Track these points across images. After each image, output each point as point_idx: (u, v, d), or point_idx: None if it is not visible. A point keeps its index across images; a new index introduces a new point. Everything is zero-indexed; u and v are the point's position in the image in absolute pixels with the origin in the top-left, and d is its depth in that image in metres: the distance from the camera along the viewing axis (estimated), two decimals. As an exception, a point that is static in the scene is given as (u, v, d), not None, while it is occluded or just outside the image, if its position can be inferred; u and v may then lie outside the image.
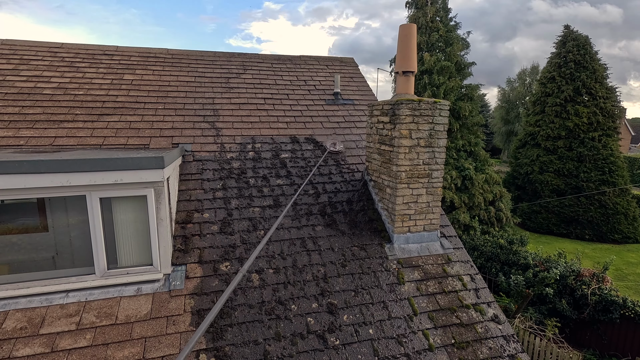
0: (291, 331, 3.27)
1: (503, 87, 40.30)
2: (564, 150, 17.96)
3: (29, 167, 2.90)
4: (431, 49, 14.98)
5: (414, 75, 4.38)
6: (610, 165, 17.19)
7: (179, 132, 4.93)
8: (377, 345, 3.31)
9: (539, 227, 18.11)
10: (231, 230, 3.96)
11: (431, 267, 4.07)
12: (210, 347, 3.04)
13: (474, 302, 3.85)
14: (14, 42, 5.78)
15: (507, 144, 37.10)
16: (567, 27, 18.93)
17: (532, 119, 19.54)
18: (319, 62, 7.24)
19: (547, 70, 19.43)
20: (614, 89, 18.09)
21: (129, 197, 3.29)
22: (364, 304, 3.60)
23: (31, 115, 4.63)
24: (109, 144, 4.49)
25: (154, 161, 3.19)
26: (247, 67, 6.60)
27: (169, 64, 6.20)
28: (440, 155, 4.11)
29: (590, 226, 17.10)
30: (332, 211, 4.40)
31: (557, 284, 8.74)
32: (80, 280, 3.24)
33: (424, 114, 3.96)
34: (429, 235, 4.26)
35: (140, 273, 3.37)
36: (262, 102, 5.86)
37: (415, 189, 4.08)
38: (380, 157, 4.37)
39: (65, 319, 3.04)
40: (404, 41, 4.30)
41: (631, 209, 17.02)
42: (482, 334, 3.59)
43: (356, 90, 6.68)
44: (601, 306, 8.09)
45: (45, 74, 5.33)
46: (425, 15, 14.99)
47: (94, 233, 3.21)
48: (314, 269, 3.79)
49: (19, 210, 3.17)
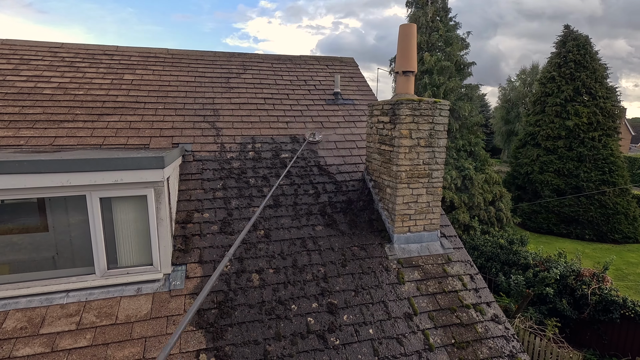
0: (291, 331, 3.27)
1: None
2: (564, 150, 17.95)
3: (29, 167, 2.91)
4: (431, 49, 14.99)
5: (414, 75, 4.38)
6: (610, 165, 17.19)
7: (179, 132, 4.93)
8: (377, 345, 3.31)
9: (539, 227, 18.11)
10: (231, 230, 3.96)
11: (431, 267, 4.07)
12: (210, 346, 3.05)
13: (474, 302, 3.85)
14: (14, 42, 5.78)
15: (507, 143, 37.08)
16: (567, 27, 18.92)
17: (532, 119, 19.54)
18: (319, 62, 7.24)
19: (547, 70, 19.43)
20: (614, 89, 18.09)
21: (129, 197, 3.29)
22: (364, 303, 3.60)
23: (31, 115, 4.63)
24: (109, 144, 4.49)
25: (154, 161, 3.20)
26: (247, 67, 6.60)
27: (169, 64, 6.20)
28: (440, 155, 4.11)
29: (591, 226, 17.09)
30: (332, 211, 4.41)
31: (557, 283, 8.73)
32: (81, 280, 3.24)
33: (424, 113, 3.96)
34: (429, 235, 4.26)
35: (140, 273, 3.37)
36: (262, 102, 5.86)
37: (416, 189, 4.08)
38: (380, 157, 4.37)
39: (65, 319, 3.04)
40: (404, 41, 4.29)
41: (631, 208, 17.02)
42: (482, 334, 3.59)
43: (356, 90, 6.68)
44: (601, 306, 8.08)
45: (46, 73, 5.33)
46: (426, 15, 15.00)
47: (94, 233, 3.21)
48: (314, 268, 3.79)
49: (19, 210, 3.17)
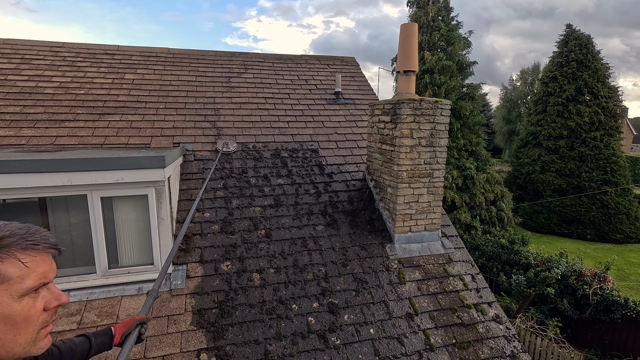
0: (292, 331, 3.27)
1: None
2: (565, 149, 17.90)
3: (30, 167, 2.91)
4: (432, 48, 14.96)
5: (415, 75, 4.37)
6: (612, 165, 17.14)
7: (180, 131, 4.93)
8: (378, 345, 3.31)
9: (541, 227, 18.07)
10: (232, 229, 3.96)
11: (432, 266, 4.06)
12: (211, 346, 3.05)
13: (475, 302, 3.84)
14: (15, 41, 5.78)
15: (509, 143, 37.00)
16: (569, 27, 18.87)
17: (533, 119, 19.48)
18: (320, 62, 7.23)
19: (548, 69, 19.37)
20: (615, 89, 18.04)
21: (130, 196, 3.29)
22: (365, 303, 3.60)
23: (32, 114, 4.64)
24: (110, 144, 4.50)
25: (155, 160, 3.19)
26: (248, 67, 6.60)
27: (170, 63, 6.20)
28: (441, 154, 4.10)
29: (592, 226, 17.05)
30: (333, 211, 4.40)
31: (558, 283, 8.71)
32: (82, 279, 3.24)
33: (425, 113, 3.95)
34: (430, 234, 4.25)
35: (141, 272, 3.37)
36: (263, 101, 5.86)
37: (417, 189, 4.07)
38: (381, 156, 4.37)
39: (66, 318, 3.05)
40: (405, 40, 4.28)
41: (633, 208, 16.97)
42: (483, 334, 3.58)
43: (357, 89, 6.67)
44: (603, 306, 8.06)
45: (47, 73, 5.34)
46: (427, 15, 14.97)
47: (95, 232, 3.21)
48: (314, 268, 3.79)
49: (20, 210, 3.17)
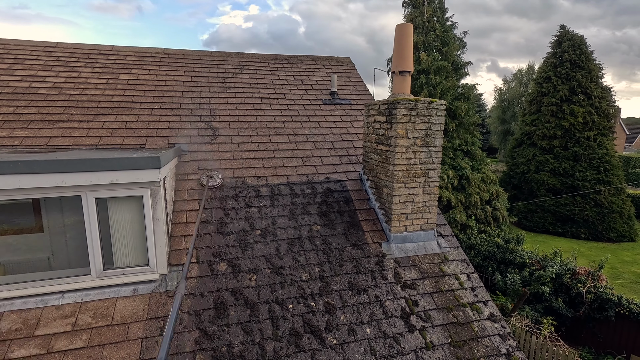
0: (288, 330, 3.27)
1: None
2: (559, 149, 18.07)
3: (23, 168, 2.88)
4: (428, 49, 15.02)
5: (411, 75, 4.39)
6: (605, 165, 17.32)
7: (175, 132, 4.91)
8: (374, 344, 3.32)
9: (535, 226, 18.22)
10: (228, 230, 3.95)
11: (428, 266, 4.08)
12: (207, 347, 3.04)
13: (470, 301, 3.86)
14: (8, 41, 5.73)
15: (504, 143, 37.28)
16: (562, 27, 19.03)
17: (528, 119, 19.64)
18: (316, 62, 7.24)
19: (542, 69, 19.55)
20: (609, 89, 18.22)
21: (125, 197, 3.28)
22: (361, 303, 3.60)
23: (26, 115, 4.60)
24: (104, 144, 4.47)
25: (150, 161, 3.18)
26: (244, 67, 6.59)
27: (165, 64, 6.17)
28: (436, 154, 4.12)
29: (586, 225, 17.22)
30: (328, 210, 4.41)
31: (553, 282, 8.78)
32: (76, 281, 3.22)
33: (421, 113, 3.97)
34: (426, 234, 4.27)
35: (136, 273, 3.36)
36: (259, 101, 5.85)
37: (412, 189, 4.09)
38: (377, 156, 4.38)
39: (60, 320, 3.03)
40: (401, 41, 4.30)
41: (626, 207, 17.16)
42: (478, 333, 3.60)
43: (353, 90, 6.69)
44: (597, 304, 8.15)
45: (40, 73, 5.30)
46: (422, 15, 15.03)
47: (90, 233, 3.19)
48: (310, 268, 3.79)
49: (14, 211, 3.15)
